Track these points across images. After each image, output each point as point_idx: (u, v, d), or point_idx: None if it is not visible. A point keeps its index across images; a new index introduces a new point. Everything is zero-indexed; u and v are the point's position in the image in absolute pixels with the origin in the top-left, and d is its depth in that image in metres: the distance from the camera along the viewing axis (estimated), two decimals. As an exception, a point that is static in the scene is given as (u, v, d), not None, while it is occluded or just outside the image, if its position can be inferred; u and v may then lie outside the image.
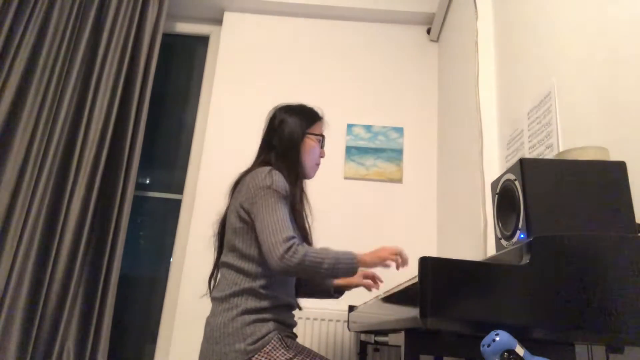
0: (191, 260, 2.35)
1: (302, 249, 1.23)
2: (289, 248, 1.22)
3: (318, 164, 1.53)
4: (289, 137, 1.45)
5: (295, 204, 1.41)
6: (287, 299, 1.37)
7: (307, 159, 1.48)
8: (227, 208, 1.45)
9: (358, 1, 2.66)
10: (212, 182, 2.46)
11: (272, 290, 1.32)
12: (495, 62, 1.84)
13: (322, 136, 1.53)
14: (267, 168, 1.35)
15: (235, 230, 1.35)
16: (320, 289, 1.63)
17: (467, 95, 2.01)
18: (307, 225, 1.46)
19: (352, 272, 1.28)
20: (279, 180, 1.32)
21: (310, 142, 1.49)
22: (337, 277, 1.29)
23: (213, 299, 1.36)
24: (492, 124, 1.77)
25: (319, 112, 1.56)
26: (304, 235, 1.44)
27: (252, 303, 1.28)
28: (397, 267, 1.34)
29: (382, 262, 1.32)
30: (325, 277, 1.27)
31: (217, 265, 1.46)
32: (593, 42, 1.14)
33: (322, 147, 1.53)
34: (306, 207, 1.49)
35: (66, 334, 2.11)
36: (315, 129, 1.51)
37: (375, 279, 1.61)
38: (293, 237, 1.25)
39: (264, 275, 1.32)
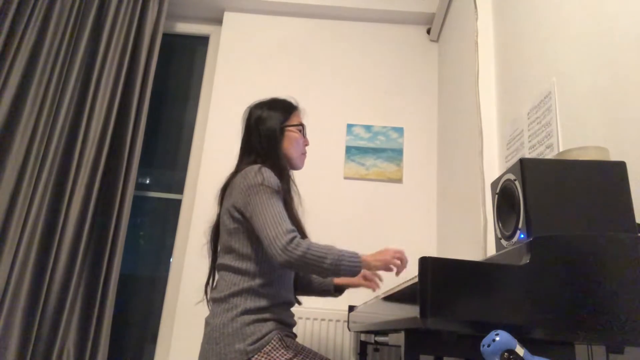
0: (191, 260, 2.35)
1: (305, 242, 1.23)
2: (292, 240, 1.21)
3: (304, 153, 1.52)
4: (268, 135, 1.44)
5: (286, 196, 1.40)
6: (287, 295, 1.37)
7: (293, 150, 1.48)
8: (219, 213, 1.44)
9: (358, 1, 2.66)
10: (212, 182, 2.46)
11: (271, 288, 1.32)
12: (495, 62, 1.84)
13: (302, 125, 1.51)
14: (257, 166, 1.34)
15: (230, 232, 1.34)
16: (321, 287, 1.63)
17: (467, 95, 2.01)
18: (299, 217, 1.45)
19: (354, 272, 1.27)
20: (270, 176, 1.31)
21: (291, 134, 1.48)
22: (339, 275, 1.26)
23: (212, 300, 1.35)
24: (492, 124, 1.77)
25: (293, 102, 1.54)
26: (297, 227, 1.42)
27: (251, 303, 1.28)
28: (397, 273, 1.31)
29: (385, 266, 1.30)
30: (327, 274, 1.25)
31: (213, 270, 1.46)
32: (593, 42, 1.14)
33: (304, 135, 1.52)
34: (295, 198, 1.47)
35: (66, 334, 2.10)
36: (293, 120, 1.50)
37: (375, 280, 1.61)
38: (294, 230, 1.24)
39: (262, 274, 1.32)
